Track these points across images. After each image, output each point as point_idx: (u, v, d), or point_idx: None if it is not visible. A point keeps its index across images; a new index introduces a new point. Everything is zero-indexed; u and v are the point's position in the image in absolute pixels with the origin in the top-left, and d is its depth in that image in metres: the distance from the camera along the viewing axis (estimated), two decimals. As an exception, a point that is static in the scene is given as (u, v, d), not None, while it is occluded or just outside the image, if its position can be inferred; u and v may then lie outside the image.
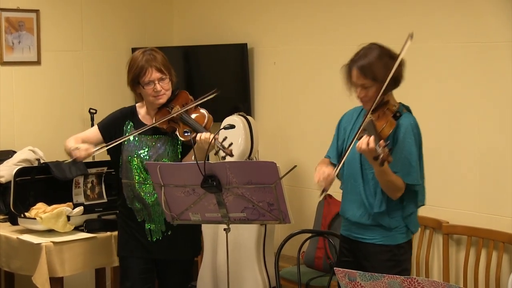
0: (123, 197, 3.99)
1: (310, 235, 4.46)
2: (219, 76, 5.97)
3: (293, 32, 5.63)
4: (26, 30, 5.54)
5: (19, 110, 5.53)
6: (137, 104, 4.06)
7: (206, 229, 5.47)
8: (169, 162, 3.74)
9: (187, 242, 4.02)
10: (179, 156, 3.93)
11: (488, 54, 4.52)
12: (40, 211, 4.40)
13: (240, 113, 5.52)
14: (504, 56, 4.44)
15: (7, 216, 4.73)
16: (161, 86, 3.86)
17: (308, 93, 5.52)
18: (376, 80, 3.48)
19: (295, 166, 3.73)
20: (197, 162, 3.41)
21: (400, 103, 3.61)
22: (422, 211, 4.85)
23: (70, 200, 4.69)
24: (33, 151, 5.08)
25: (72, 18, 5.83)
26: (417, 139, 3.53)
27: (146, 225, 3.95)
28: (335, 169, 3.50)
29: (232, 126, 4.00)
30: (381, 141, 3.25)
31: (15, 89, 5.53)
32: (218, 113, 5.66)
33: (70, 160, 3.89)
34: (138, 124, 3.96)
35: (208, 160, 3.48)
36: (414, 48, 4.88)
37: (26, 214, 4.47)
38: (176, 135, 3.85)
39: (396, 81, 3.54)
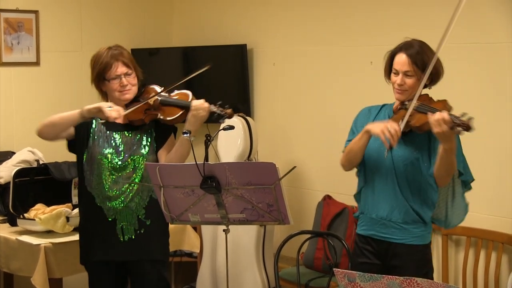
0: (89, 197, 3.84)
1: (309, 236, 4.46)
2: (219, 77, 5.97)
3: (293, 33, 5.63)
4: (25, 30, 5.54)
5: (18, 111, 5.53)
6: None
7: (205, 230, 5.47)
8: (168, 163, 3.72)
9: (158, 242, 3.91)
10: (155, 151, 3.86)
11: (488, 55, 4.52)
12: (39, 212, 4.40)
13: (240, 114, 5.52)
14: (505, 57, 4.44)
15: (6, 217, 4.73)
16: (127, 80, 3.81)
17: (307, 94, 5.52)
18: (421, 69, 3.50)
19: (295, 167, 3.73)
20: (196, 163, 3.40)
21: None
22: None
23: (69, 201, 4.69)
24: (32, 152, 5.08)
25: (71, 19, 5.83)
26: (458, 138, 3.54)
27: (117, 223, 3.82)
28: (402, 122, 3.45)
29: (231, 127, 3.99)
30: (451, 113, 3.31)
31: (14, 90, 5.53)
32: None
33: (103, 120, 3.72)
34: (107, 121, 3.80)
35: (207, 161, 3.48)
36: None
37: (25, 215, 4.47)
38: (158, 120, 3.79)
39: (437, 76, 3.58)
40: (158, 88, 3.91)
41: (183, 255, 5.80)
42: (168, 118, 3.78)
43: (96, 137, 3.85)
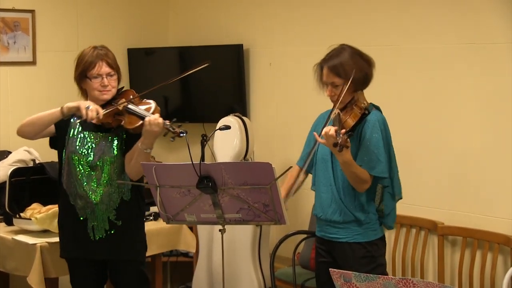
0: (64, 194, 3.92)
1: (305, 236, 4.46)
2: (215, 77, 5.97)
3: (289, 33, 5.63)
4: (22, 30, 5.53)
5: (15, 110, 5.52)
6: None
7: (201, 229, 5.47)
8: (164, 163, 3.73)
9: (132, 242, 3.96)
10: (124, 153, 3.89)
11: (487, 56, 4.52)
12: (35, 211, 4.40)
13: (236, 114, 5.52)
14: (504, 57, 4.44)
15: (2, 217, 4.73)
16: (108, 81, 3.85)
17: (303, 94, 5.51)
18: (346, 79, 3.56)
19: (291, 167, 3.74)
20: (192, 163, 3.40)
21: (370, 103, 3.67)
22: (417, 212, 4.88)
23: (65, 200, 4.68)
24: (29, 152, 5.08)
25: (68, 18, 5.83)
26: (384, 135, 3.62)
27: (88, 223, 3.88)
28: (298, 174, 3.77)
29: (227, 127, 4.00)
30: (342, 130, 3.37)
31: (10, 90, 5.52)
32: (214, 114, 5.70)
33: (80, 120, 3.76)
34: (84, 121, 3.84)
35: (203, 161, 3.48)
36: (412, 49, 4.91)
37: (21, 214, 4.47)
38: (122, 126, 3.81)
39: (365, 80, 3.63)
40: (134, 93, 3.95)
41: (179, 255, 5.81)
42: (129, 127, 3.79)
43: (71, 136, 3.90)
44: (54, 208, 4.38)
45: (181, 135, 3.66)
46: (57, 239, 4.27)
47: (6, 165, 4.92)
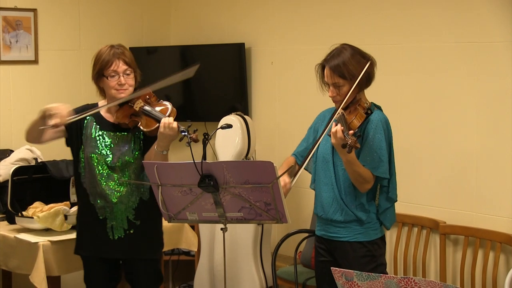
0: (84, 194, 3.93)
1: (307, 234, 4.46)
2: (217, 76, 5.97)
3: (291, 32, 5.63)
4: (24, 29, 5.53)
5: (17, 109, 5.53)
6: (99, 102, 4.01)
7: (203, 228, 5.48)
8: (165, 162, 3.73)
9: (149, 241, 3.98)
10: (143, 153, 3.90)
11: (486, 54, 4.52)
12: (37, 210, 4.41)
13: (237, 113, 5.52)
14: (503, 56, 4.44)
15: (4, 215, 4.74)
16: (125, 80, 3.85)
17: (305, 93, 5.52)
18: (348, 79, 3.56)
19: (292, 166, 3.74)
20: (194, 162, 3.41)
21: (371, 102, 3.67)
22: (419, 211, 4.88)
23: (67, 199, 4.69)
24: (31, 150, 5.08)
25: (70, 17, 5.83)
26: (387, 135, 3.62)
27: (108, 222, 3.89)
28: (298, 169, 3.70)
29: (229, 126, 4.00)
30: (350, 131, 3.37)
31: (13, 88, 5.53)
32: (216, 113, 5.70)
33: (48, 126, 3.75)
34: (99, 120, 3.91)
35: (205, 160, 3.48)
36: (412, 48, 4.91)
37: (24, 213, 4.47)
38: (139, 128, 3.81)
39: (368, 79, 3.64)
40: (150, 92, 3.94)
41: (181, 253, 5.81)
42: (145, 129, 3.80)
43: (88, 136, 3.91)
44: (56, 207, 4.39)
45: (182, 133, 3.65)
46: (59, 238, 4.30)
47: (8, 163, 4.93)
